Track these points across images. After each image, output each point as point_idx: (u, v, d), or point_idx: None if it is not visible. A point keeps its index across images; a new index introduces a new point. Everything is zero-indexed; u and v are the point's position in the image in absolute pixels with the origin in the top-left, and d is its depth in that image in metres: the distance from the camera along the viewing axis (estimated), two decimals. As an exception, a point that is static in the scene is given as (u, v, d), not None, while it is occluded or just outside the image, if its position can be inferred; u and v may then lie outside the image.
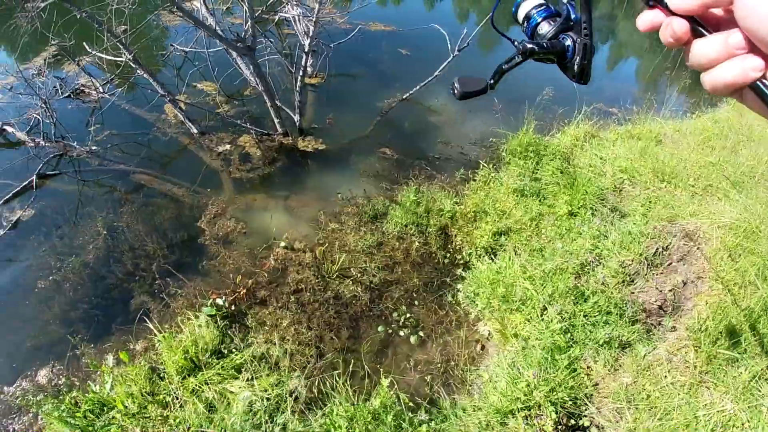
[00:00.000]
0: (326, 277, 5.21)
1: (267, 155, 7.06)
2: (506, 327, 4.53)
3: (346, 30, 10.17)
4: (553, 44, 1.32)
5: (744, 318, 3.60)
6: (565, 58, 1.31)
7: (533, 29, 1.42)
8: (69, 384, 4.37)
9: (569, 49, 1.30)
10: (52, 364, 4.55)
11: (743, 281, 3.91)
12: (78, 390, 4.24)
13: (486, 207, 5.84)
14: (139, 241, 5.65)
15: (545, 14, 1.40)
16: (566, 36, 1.31)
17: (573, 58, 1.29)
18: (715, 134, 6.57)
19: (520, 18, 1.47)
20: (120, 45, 6.21)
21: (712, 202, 5.05)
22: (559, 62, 1.35)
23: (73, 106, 8.04)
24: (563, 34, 1.33)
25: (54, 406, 3.90)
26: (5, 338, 4.81)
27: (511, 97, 8.41)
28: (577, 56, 1.29)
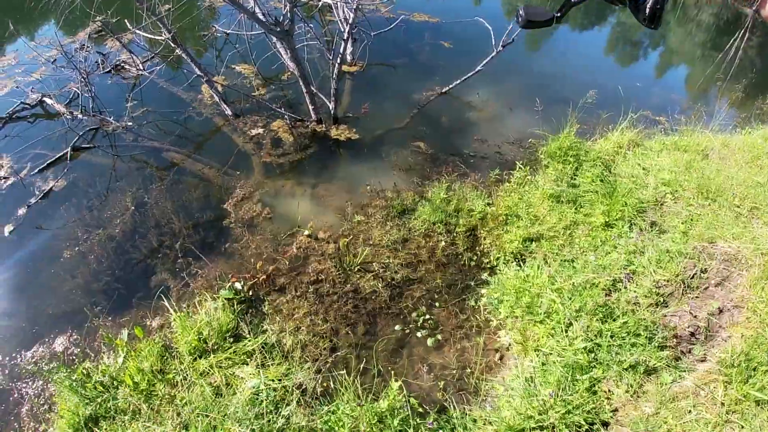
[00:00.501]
0: (347, 269, 5.10)
1: (299, 141, 7.00)
2: (528, 339, 4.35)
3: (388, 19, 10.07)
4: None
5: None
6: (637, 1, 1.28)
7: None
8: (83, 354, 4.41)
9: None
10: (69, 333, 4.61)
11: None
12: (92, 361, 4.27)
13: (519, 211, 5.65)
14: (165, 219, 5.65)
15: None
16: None
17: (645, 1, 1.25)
18: (765, 153, 6.26)
19: None
20: (160, 24, 6.19)
21: (757, 226, 4.79)
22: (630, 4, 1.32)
23: (112, 82, 8.14)
24: None
25: (66, 376, 3.91)
26: (28, 302, 4.91)
27: (554, 97, 8.20)
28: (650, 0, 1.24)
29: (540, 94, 8.04)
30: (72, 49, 8.70)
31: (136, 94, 7.79)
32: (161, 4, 6.56)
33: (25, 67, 8.43)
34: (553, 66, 10.29)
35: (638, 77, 11.16)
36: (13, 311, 4.85)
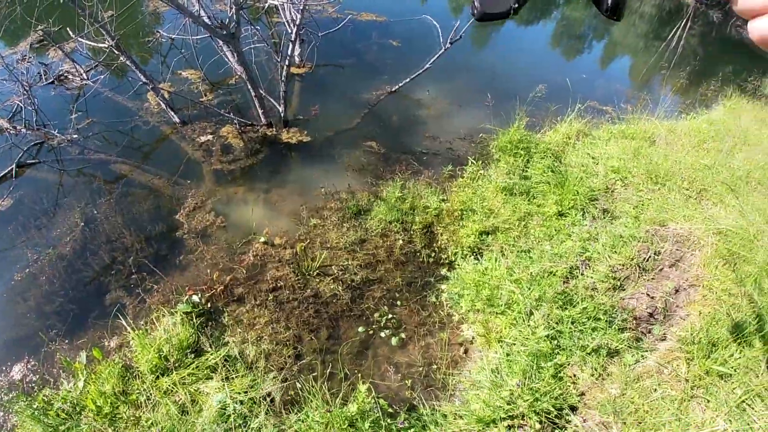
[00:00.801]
0: (306, 274, 5.07)
1: (249, 146, 6.91)
2: (490, 331, 4.42)
3: (336, 19, 10.04)
4: None
5: (738, 331, 3.50)
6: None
7: None
8: (42, 381, 4.26)
9: None
10: (26, 359, 4.45)
11: (738, 291, 3.81)
12: (52, 387, 4.15)
13: (473, 205, 5.71)
14: (116, 234, 5.51)
15: None
16: None
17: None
18: (711, 136, 6.49)
19: None
20: (102, 31, 6.03)
21: (706, 207, 4.96)
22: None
23: (55, 93, 7.87)
24: None
25: (27, 405, 3.81)
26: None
27: (503, 92, 8.30)
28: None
29: (489, 90, 8.14)
30: (13, 61, 8.40)
31: (80, 105, 7.55)
32: (104, 11, 6.39)
33: (-36, 82, 8.09)
34: (500, 61, 10.43)
35: (584, 70, 11.40)
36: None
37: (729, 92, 8.77)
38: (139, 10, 10.62)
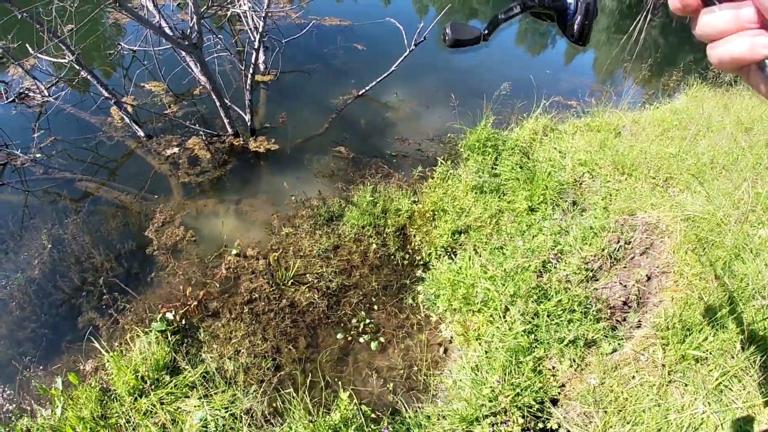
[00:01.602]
0: (281, 284, 5.03)
1: (217, 157, 6.83)
2: (468, 329, 4.44)
3: (300, 25, 9.97)
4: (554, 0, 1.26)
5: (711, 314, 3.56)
6: (565, 16, 1.25)
7: None
8: (20, 410, 4.16)
9: (570, 7, 1.24)
10: (1, 389, 4.33)
11: (709, 276, 3.87)
12: (29, 416, 4.04)
13: (444, 205, 5.73)
14: (85, 254, 5.41)
15: None
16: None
17: (574, 18, 1.23)
18: (674, 125, 6.58)
19: None
20: (62, 46, 5.92)
21: (673, 194, 5.03)
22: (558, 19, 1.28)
23: (17, 112, 7.68)
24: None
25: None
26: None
27: (470, 91, 8.36)
28: (579, 16, 1.23)
29: (456, 90, 8.19)
30: (-29, 80, 8.23)
31: (42, 123, 7.38)
32: (63, 25, 6.27)
33: None
34: (466, 61, 10.51)
35: (548, 65, 11.56)
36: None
37: (690, 81, 8.92)
38: (101, 22, 10.46)
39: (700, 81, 8.70)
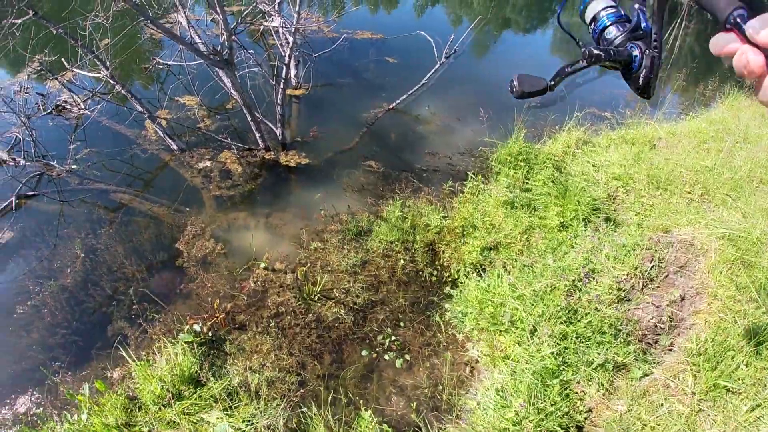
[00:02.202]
0: (308, 299, 5.02)
1: (248, 171, 6.89)
2: (495, 349, 4.35)
3: (332, 39, 10.05)
4: (619, 52, 1.26)
5: (745, 340, 3.43)
6: (630, 68, 1.26)
7: (600, 32, 1.38)
8: (46, 414, 4.24)
9: (636, 59, 1.24)
10: (31, 392, 4.42)
11: (744, 298, 3.74)
12: (56, 420, 4.12)
13: (474, 221, 5.65)
14: (117, 264, 5.50)
15: (614, 18, 1.35)
16: (634, 45, 1.26)
17: (639, 70, 1.24)
18: (711, 136, 6.41)
19: (587, 18, 1.43)
20: (97, 61, 6.06)
21: (709, 210, 4.89)
22: (623, 72, 1.30)
23: (54, 123, 7.88)
24: (631, 42, 1.27)
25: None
26: (-14, 362, 4.70)
27: (501, 104, 8.28)
28: (644, 69, 1.23)
29: (487, 102, 8.13)
30: (11, 92, 8.46)
31: (79, 135, 7.56)
32: (99, 40, 6.42)
33: (-37, 113, 8.13)
34: (499, 72, 10.42)
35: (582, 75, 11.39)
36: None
37: (727, 89, 8.70)
38: (137, 37, 10.68)
39: (737, 90, 8.48)
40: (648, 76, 1.23)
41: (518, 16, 17.12)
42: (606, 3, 1.38)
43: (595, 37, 1.39)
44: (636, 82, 1.25)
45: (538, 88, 1.40)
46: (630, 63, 1.25)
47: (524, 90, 1.40)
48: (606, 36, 1.35)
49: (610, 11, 1.36)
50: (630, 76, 1.27)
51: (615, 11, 1.36)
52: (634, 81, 1.26)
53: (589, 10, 1.42)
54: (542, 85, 1.40)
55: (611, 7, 1.37)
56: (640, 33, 1.26)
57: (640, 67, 1.23)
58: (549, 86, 1.41)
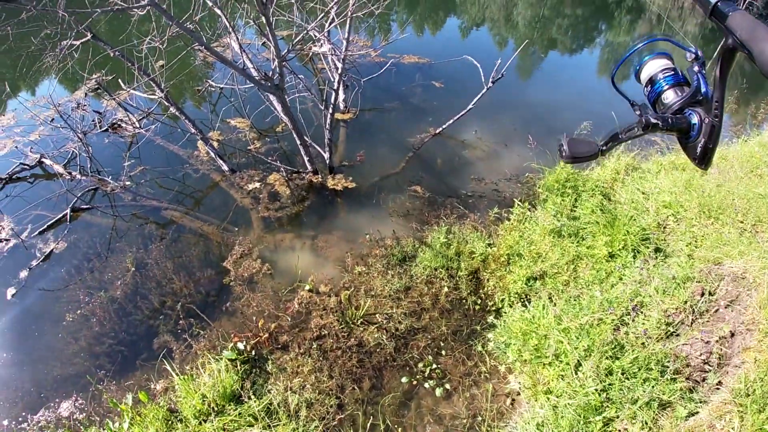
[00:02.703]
0: (350, 323, 5.04)
1: (296, 194, 7.01)
2: (537, 382, 4.28)
3: (379, 63, 10.16)
4: (678, 120, 1.20)
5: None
6: (688, 136, 1.20)
7: (657, 96, 1.31)
8: (88, 420, 4.36)
9: (695, 127, 1.18)
10: (75, 398, 4.57)
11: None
12: (97, 426, 4.24)
13: (520, 249, 5.58)
14: (166, 279, 5.63)
15: (673, 81, 1.28)
16: (693, 112, 1.19)
17: (697, 138, 1.18)
18: (764, 161, 6.20)
19: (644, 79, 1.36)
20: (153, 83, 6.27)
21: (762, 241, 4.72)
22: (680, 139, 1.24)
23: (110, 140, 8.17)
24: (690, 108, 1.21)
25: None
26: (34, 366, 4.88)
27: (548, 129, 8.24)
28: (703, 137, 1.16)
29: (534, 127, 8.11)
30: (69, 108, 8.82)
31: (133, 153, 7.82)
32: (154, 62, 6.65)
33: (24, 127, 8.53)
34: (546, 95, 10.39)
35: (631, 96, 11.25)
36: (18, 375, 4.81)
37: None
38: (191, 59, 11.01)
39: None
40: (707, 146, 1.17)
41: (564, 36, 17.05)
42: (664, 64, 1.33)
43: (652, 100, 1.34)
44: (693, 151, 1.20)
45: (589, 153, 1.35)
46: (688, 131, 1.20)
47: (574, 155, 1.34)
48: (663, 100, 1.29)
49: (668, 73, 1.30)
50: (687, 145, 1.22)
51: (673, 73, 1.30)
52: (692, 150, 1.21)
53: (645, 70, 1.36)
54: (593, 150, 1.35)
55: (669, 69, 1.31)
56: (700, 98, 1.20)
57: (699, 136, 1.18)
58: (600, 151, 1.36)
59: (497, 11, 19.14)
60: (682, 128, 1.19)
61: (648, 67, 1.34)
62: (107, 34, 11.16)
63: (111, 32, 11.42)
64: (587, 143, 1.34)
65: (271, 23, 5.45)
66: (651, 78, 1.33)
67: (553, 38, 16.40)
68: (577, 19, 19.02)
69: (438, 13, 17.86)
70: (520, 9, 19.31)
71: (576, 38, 16.84)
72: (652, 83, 1.32)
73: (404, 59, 11.30)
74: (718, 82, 1.10)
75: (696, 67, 1.21)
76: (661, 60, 1.33)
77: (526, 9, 19.30)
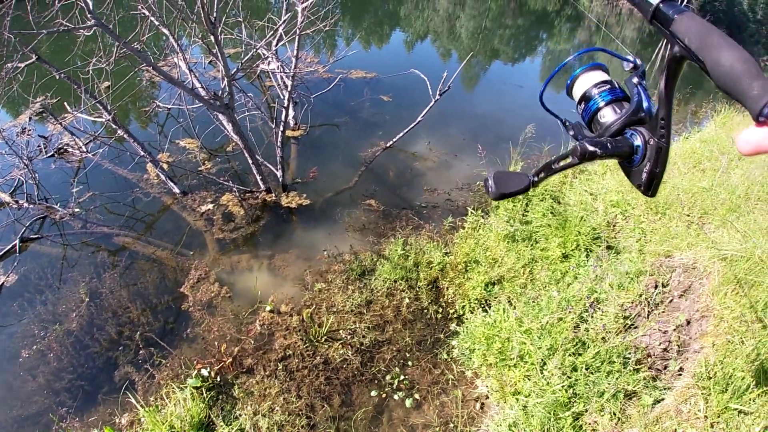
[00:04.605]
0: (314, 341, 5.03)
1: (250, 213, 6.96)
2: (505, 385, 4.38)
3: (327, 79, 10.23)
4: (618, 144, 1.04)
5: (753, 361, 3.47)
6: (631, 161, 1.05)
7: (592, 115, 1.16)
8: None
9: (638, 150, 1.03)
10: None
11: (750, 318, 3.77)
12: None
13: (477, 256, 5.71)
14: (122, 308, 5.51)
15: (610, 97, 1.13)
16: (635, 132, 1.04)
17: (641, 163, 1.03)
18: (705, 156, 6.47)
19: (576, 95, 1.22)
20: (99, 106, 6.15)
21: (709, 232, 4.93)
22: (622, 164, 1.09)
23: (56, 166, 7.93)
24: (632, 129, 1.06)
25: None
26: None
27: (496, 137, 8.42)
28: (648, 162, 1.01)
29: (483, 136, 8.29)
30: (13, 134, 8.53)
31: (81, 178, 7.62)
32: (100, 83, 6.52)
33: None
34: (491, 105, 10.66)
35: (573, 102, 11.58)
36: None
37: (717, 107, 8.78)
38: (137, 79, 10.82)
39: (727, 106, 8.58)
40: (653, 171, 1.02)
41: (506, 46, 17.46)
42: (598, 77, 1.18)
43: (587, 119, 1.19)
44: (638, 177, 1.04)
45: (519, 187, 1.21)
46: (631, 155, 1.04)
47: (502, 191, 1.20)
48: (600, 119, 1.14)
49: (604, 88, 1.16)
50: (631, 170, 1.07)
51: (609, 88, 1.15)
52: (636, 176, 1.05)
53: (577, 85, 1.22)
54: (523, 184, 1.21)
55: (604, 83, 1.17)
56: (642, 115, 1.05)
57: (643, 160, 1.03)
58: (532, 182, 1.22)
59: (441, 24, 19.48)
60: (624, 153, 1.04)
61: (580, 81, 1.21)
62: (51, 54, 10.91)
63: (55, 53, 11.15)
64: (516, 176, 1.22)
65: (219, 42, 5.44)
66: (584, 94, 1.19)
67: (495, 48, 16.77)
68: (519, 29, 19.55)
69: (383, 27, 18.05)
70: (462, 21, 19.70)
71: (518, 48, 17.29)
72: (586, 100, 1.18)
73: (352, 74, 11.40)
74: (663, 98, 0.96)
75: (635, 79, 1.08)
76: (595, 73, 1.20)
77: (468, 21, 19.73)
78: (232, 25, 7.52)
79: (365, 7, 20.04)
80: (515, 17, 20.48)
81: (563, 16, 20.97)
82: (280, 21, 6.29)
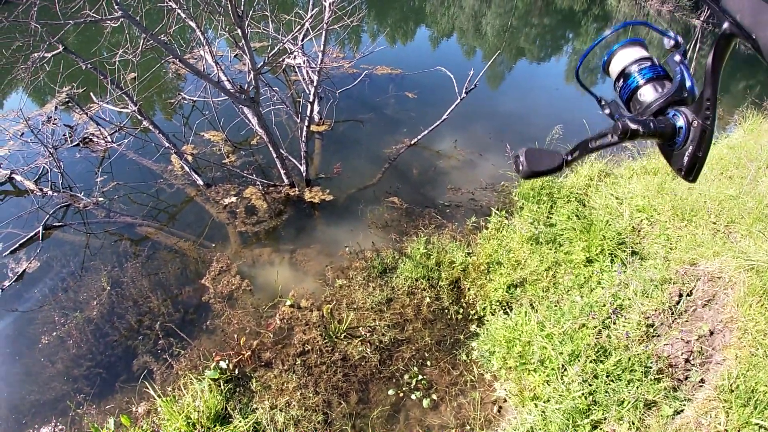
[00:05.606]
0: (333, 337, 5.01)
1: (273, 207, 6.95)
2: (524, 389, 4.30)
3: (353, 75, 10.20)
4: (661, 124, 0.97)
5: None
6: (673, 143, 0.99)
7: (631, 93, 1.08)
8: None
9: (681, 132, 0.97)
10: (54, 423, 4.42)
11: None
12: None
13: (499, 257, 5.63)
14: (143, 297, 5.52)
15: (650, 74, 1.06)
16: (678, 113, 0.98)
17: (684, 145, 0.97)
18: (732, 163, 6.35)
19: (613, 73, 1.13)
20: (125, 97, 6.18)
21: (735, 241, 4.82)
22: (662, 146, 1.03)
23: (81, 155, 8.01)
24: (674, 108, 0.99)
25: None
26: (11, 390, 4.72)
27: (521, 137, 8.33)
28: (690, 144, 0.95)
29: (508, 135, 8.20)
30: (39, 123, 8.62)
31: (105, 168, 7.67)
32: (126, 74, 6.55)
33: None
34: (517, 104, 10.55)
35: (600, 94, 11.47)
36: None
37: (746, 112, 8.62)
38: (163, 71, 10.88)
39: (755, 112, 8.41)
40: (695, 155, 0.96)
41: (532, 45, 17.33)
42: (638, 53, 1.10)
43: (625, 98, 1.11)
44: (679, 160, 0.99)
45: (551, 166, 1.09)
46: (673, 136, 0.98)
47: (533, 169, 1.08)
48: (639, 98, 1.06)
49: (645, 65, 1.08)
50: (671, 153, 1.01)
51: (650, 65, 1.08)
52: (677, 159, 0.99)
53: (615, 61, 1.13)
54: (556, 162, 1.08)
55: (645, 60, 1.09)
56: (685, 95, 0.98)
57: (686, 142, 0.96)
58: (565, 161, 1.09)
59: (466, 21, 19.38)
60: (666, 134, 0.98)
61: (619, 57, 1.12)
62: (78, 45, 11.04)
63: (81, 44, 11.27)
64: (549, 154, 1.09)
65: (246, 35, 5.43)
66: (623, 71, 1.10)
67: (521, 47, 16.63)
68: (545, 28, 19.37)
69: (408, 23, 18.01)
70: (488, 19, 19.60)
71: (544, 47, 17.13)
72: (625, 77, 1.10)
73: (377, 70, 11.35)
74: (710, 77, 0.90)
75: (677, 57, 1.00)
76: (635, 48, 1.12)
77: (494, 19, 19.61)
78: (258, 19, 7.51)
79: (391, 2, 20.01)
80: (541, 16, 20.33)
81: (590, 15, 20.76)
82: (307, 16, 6.25)
